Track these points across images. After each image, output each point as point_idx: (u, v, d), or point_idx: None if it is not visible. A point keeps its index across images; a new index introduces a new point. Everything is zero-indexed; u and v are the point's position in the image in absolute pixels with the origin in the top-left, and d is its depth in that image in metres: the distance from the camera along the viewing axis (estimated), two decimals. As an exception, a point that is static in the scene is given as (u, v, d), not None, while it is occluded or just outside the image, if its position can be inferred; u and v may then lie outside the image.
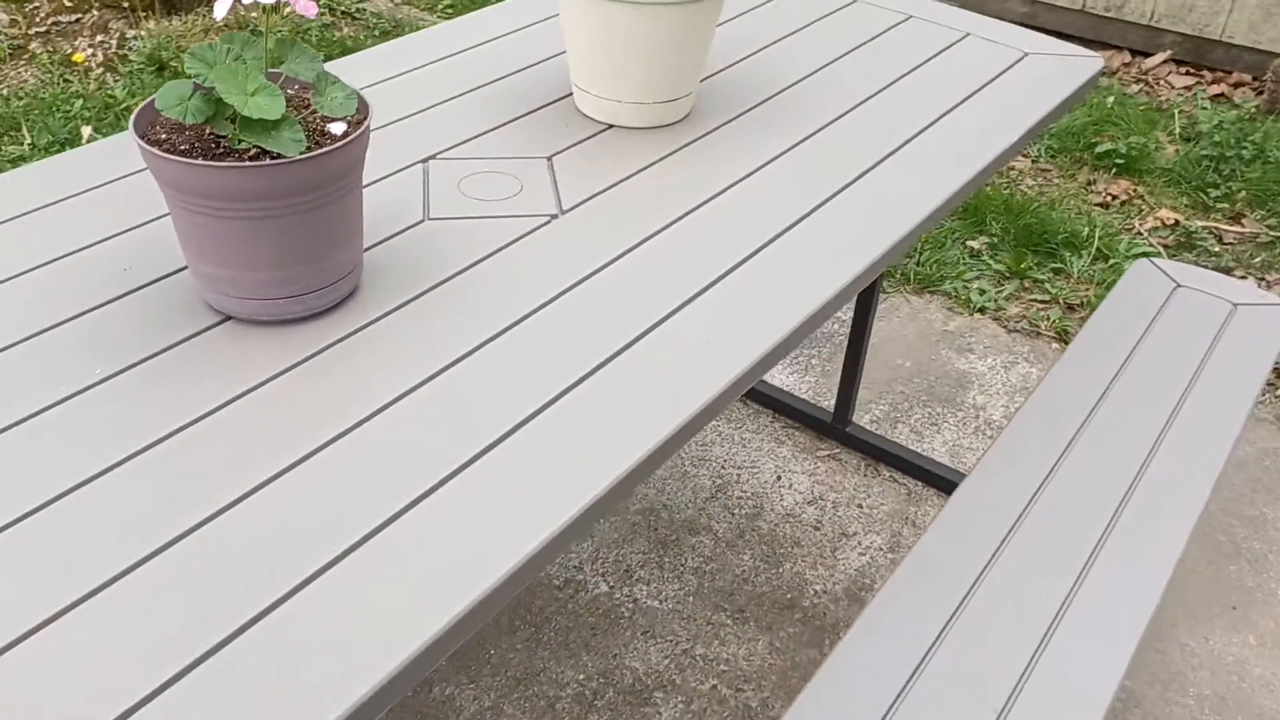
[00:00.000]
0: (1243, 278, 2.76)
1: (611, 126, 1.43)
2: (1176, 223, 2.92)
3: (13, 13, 3.31)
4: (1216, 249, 2.84)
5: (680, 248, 1.20)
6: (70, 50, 3.24)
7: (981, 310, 2.63)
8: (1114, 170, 3.15)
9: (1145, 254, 2.80)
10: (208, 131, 0.97)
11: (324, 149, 0.93)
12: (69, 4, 3.33)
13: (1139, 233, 2.90)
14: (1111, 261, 2.76)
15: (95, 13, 3.35)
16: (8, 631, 0.75)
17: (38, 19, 3.32)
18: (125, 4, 3.38)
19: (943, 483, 2.10)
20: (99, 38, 3.32)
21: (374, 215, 1.21)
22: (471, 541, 0.83)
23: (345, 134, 0.99)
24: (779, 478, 2.13)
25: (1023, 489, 1.42)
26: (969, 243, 2.84)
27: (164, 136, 0.97)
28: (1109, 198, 3.04)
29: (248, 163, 0.92)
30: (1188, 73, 3.73)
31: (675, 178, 1.33)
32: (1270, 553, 2.01)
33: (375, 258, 1.15)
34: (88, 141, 3.01)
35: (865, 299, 2.03)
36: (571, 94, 1.49)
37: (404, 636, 0.76)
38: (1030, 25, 4.06)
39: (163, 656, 0.74)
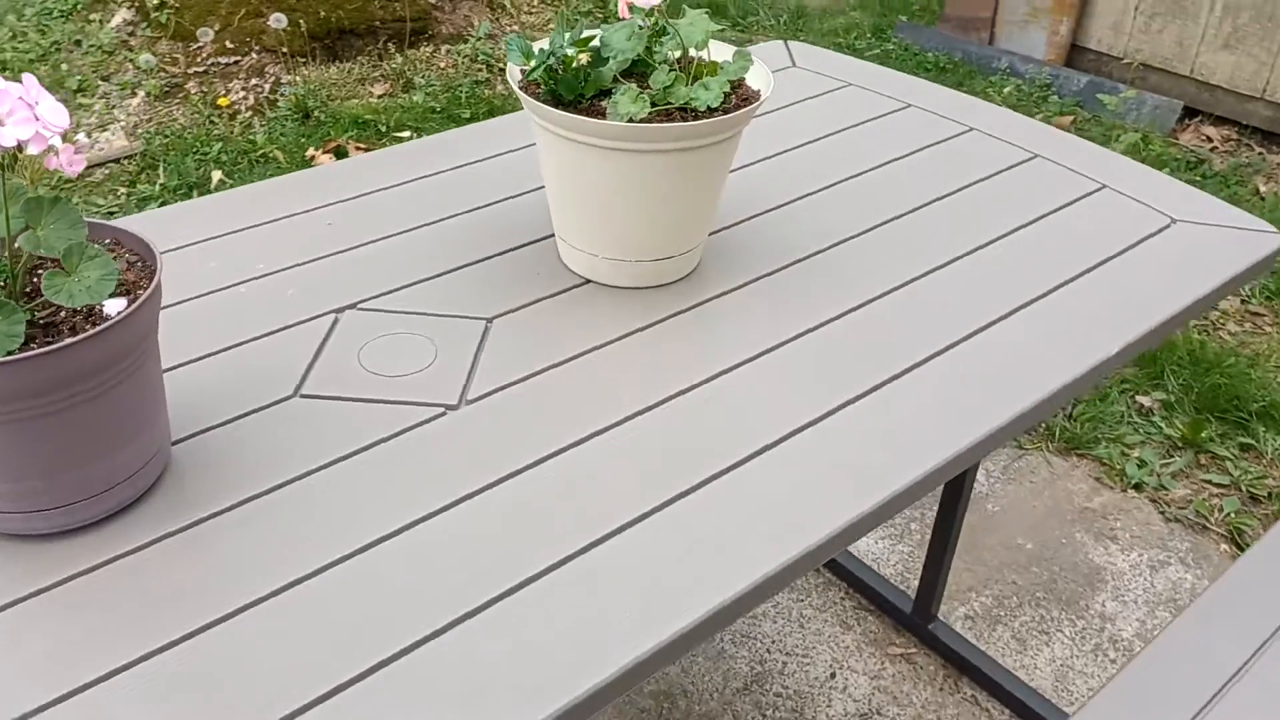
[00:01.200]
0: None
1: (589, 282, 1.16)
2: None
3: (176, 51, 3.38)
4: None
5: (632, 453, 0.91)
6: (223, 92, 3.27)
7: (1138, 487, 2.17)
8: (1343, 325, 2.59)
9: (1367, 440, 2.25)
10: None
11: (46, 349, 0.71)
12: (230, 46, 3.36)
13: (1364, 409, 2.35)
14: (1319, 445, 2.24)
15: (254, 56, 3.37)
16: None
17: (198, 59, 3.37)
18: (284, 49, 3.39)
19: (1036, 718, 1.69)
20: (254, 81, 3.34)
21: (235, 383, 0.99)
22: None
23: (119, 314, 0.77)
24: (833, 675, 1.77)
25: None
26: (1139, 397, 2.38)
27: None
28: (1331, 359, 2.50)
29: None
30: None
31: (650, 356, 1.05)
32: None
33: (211, 443, 0.92)
34: (216, 187, 3.00)
35: (955, 483, 1.66)
36: (558, 232, 1.23)
37: None
38: (1199, 109, 3.47)
39: None
